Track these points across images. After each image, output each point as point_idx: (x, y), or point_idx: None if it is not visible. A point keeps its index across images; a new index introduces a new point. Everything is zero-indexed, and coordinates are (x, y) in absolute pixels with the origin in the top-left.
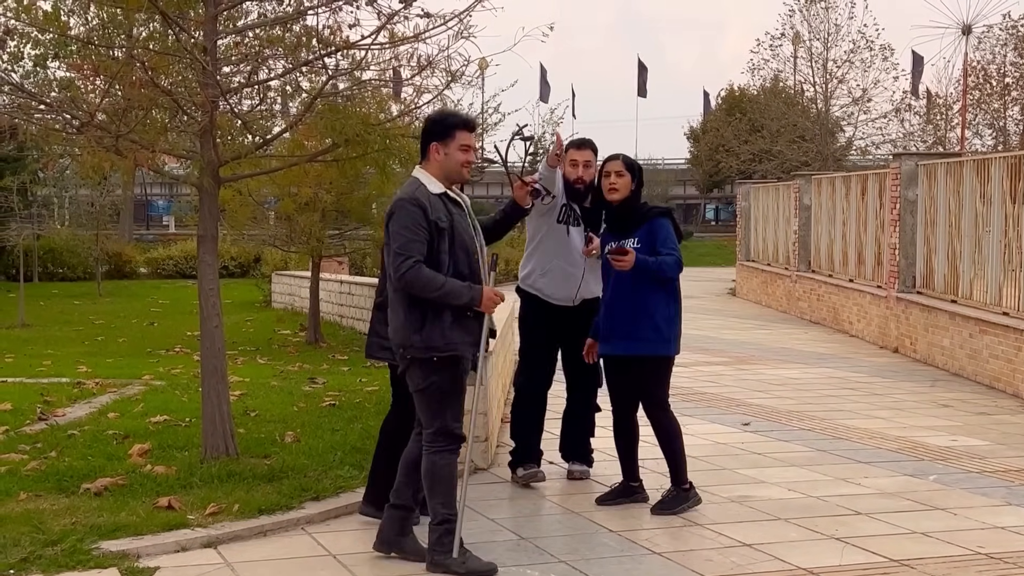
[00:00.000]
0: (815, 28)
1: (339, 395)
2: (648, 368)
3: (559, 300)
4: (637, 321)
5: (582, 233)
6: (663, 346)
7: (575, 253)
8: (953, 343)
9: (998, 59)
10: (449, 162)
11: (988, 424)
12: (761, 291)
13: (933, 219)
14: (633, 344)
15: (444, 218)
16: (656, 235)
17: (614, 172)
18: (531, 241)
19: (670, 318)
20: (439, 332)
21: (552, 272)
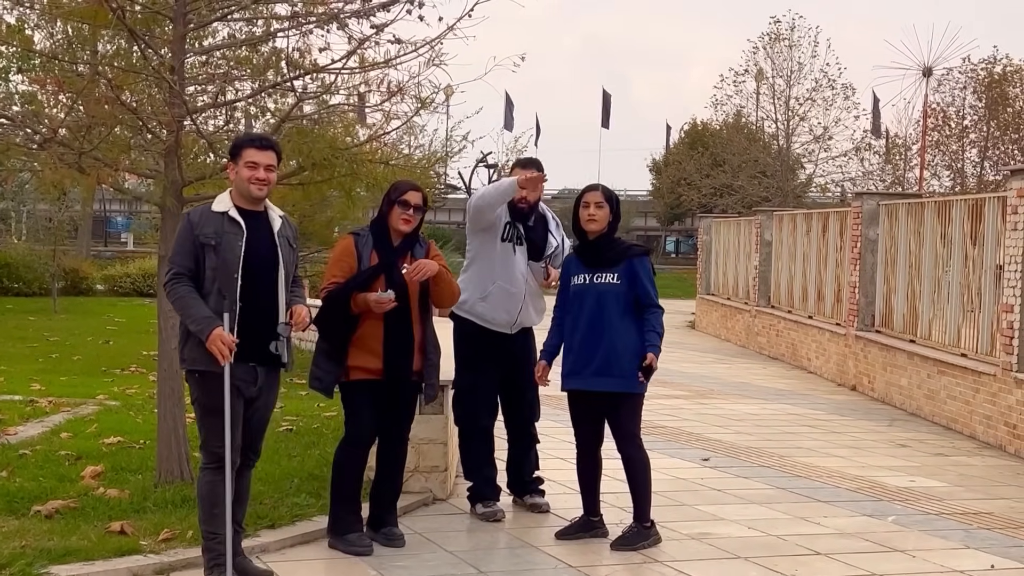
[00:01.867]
0: (778, 65)
1: (296, 420)
2: (623, 404)
3: (497, 326)
4: (613, 357)
5: (524, 253)
6: (632, 383)
7: (517, 273)
8: (911, 383)
9: (957, 101)
10: (239, 181)
11: (946, 465)
12: (720, 325)
13: (893, 258)
14: (610, 381)
15: (212, 235)
16: (637, 277)
17: (593, 203)
18: (471, 262)
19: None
20: (191, 347)
21: (493, 295)
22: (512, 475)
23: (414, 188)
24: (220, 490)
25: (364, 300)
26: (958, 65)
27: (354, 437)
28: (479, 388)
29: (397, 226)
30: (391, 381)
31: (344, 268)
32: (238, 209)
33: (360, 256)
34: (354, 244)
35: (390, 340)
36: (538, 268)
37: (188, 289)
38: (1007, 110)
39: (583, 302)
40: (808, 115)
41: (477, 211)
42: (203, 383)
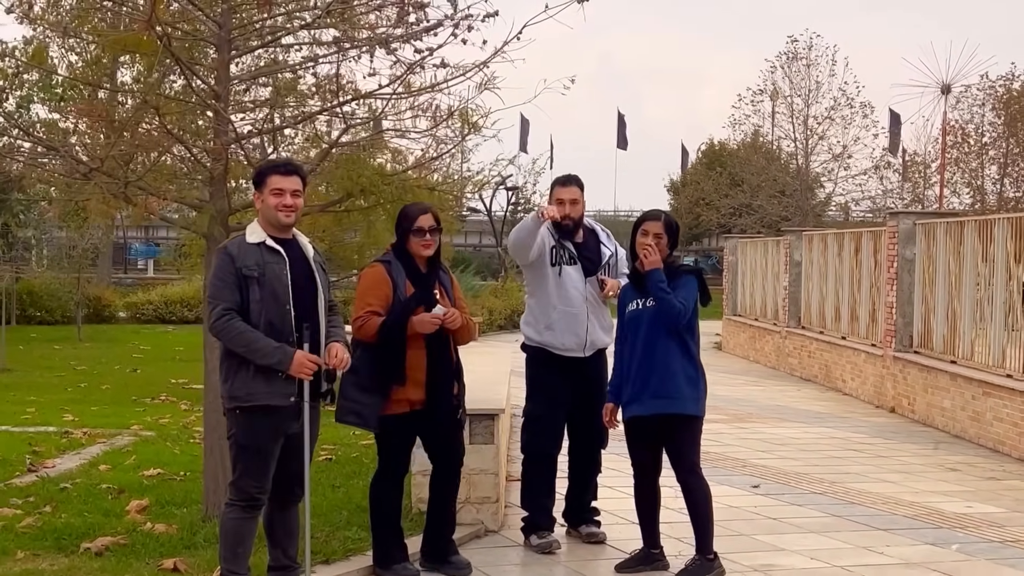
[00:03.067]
0: (796, 84)
1: (335, 449)
2: (680, 429)
3: (569, 351)
4: (668, 379)
5: (580, 270)
6: (693, 405)
7: (575, 293)
8: (954, 404)
9: (976, 118)
10: (266, 208)
11: (1000, 490)
12: (749, 346)
13: (932, 278)
14: (666, 403)
15: (254, 267)
16: (677, 291)
17: (652, 233)
18: (529, 294)
19: (695, 379)
20: (242, 382)
21: (556, 322)
22: (571, 504)
23: (423, 212)
24: (247, 529)
25: (417, 324)
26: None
27: (390, 471)
28: (549, 416)
29: (419, 252)
30: (434, 412)
31: (381, 297)
32: (272, 238)
33: (395, 284)
34: (387, 272)
35: (433, 369)
36: (594, 282)
37: (245, 324)
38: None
39: (638, 328)
40: (827, 134)
41: (514, 253)
42: (248, 421)
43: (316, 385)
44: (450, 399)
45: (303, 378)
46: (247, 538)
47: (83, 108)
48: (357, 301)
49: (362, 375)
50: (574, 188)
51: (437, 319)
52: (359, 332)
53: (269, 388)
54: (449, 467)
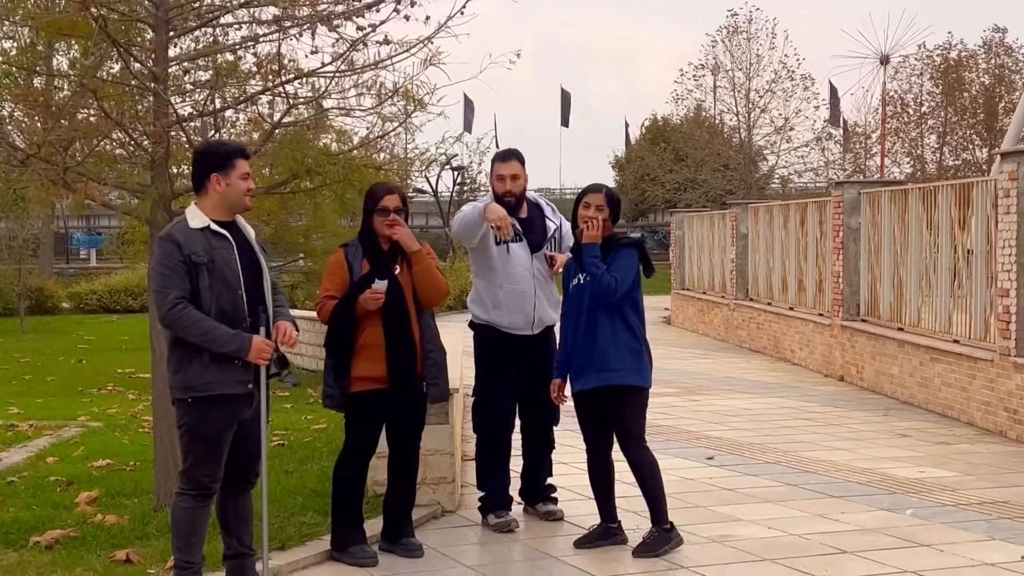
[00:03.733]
0: (737, 58)
1: (287, 434)
2: (625, 401)
3: (517, 329)
4: (608, 353)
5: (526, 247)
6: (636, 376)
7: (522, 271)
8: (903, 371)
9: (915, 88)
10: (232, 192)
11: (951, 454)
12: (698, 319)
13: (877, 247)
14: (607, 375)
15: (202, 252)
16: (612, 264)
17: (594, 206)
18: (475, 274)
19: (638, 351)
20: (197, 371)
21: (503, 301)
22: (526, 482)
23: (389, 191)
24: (199, 518)
25: (361, 301)
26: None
27: (355, 449)
28: (500, 396)
29: (383, 232)
30: (397, 388)
31: (336, 281)
32: (215, 222)
33: (351, 266)
34: (344, 256)
35: (392, 344)
36: (541, 258)
37: (199, 313)
38: (963, 95)
39: (580, 303)
40: (769, 107)
41: (460, 238)
42: (202, 409)
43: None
44: (413, 377)
45: (259, 364)
46: (200, 527)
47: (19, 94)
48: (320, 287)
49: (329, 358)
50: (514, 163)
51: (378, 292)
52: (320, 317)
53: (225, 376)
54: (407, 449)
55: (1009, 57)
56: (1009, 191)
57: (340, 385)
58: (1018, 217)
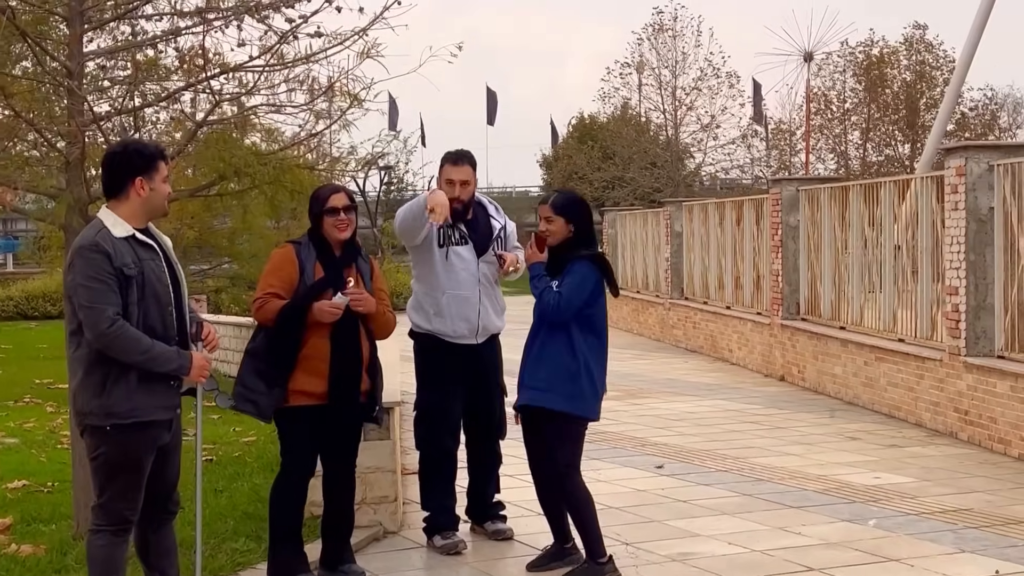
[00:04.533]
0: (663, 56)
1: (215, 448)
2: (549, 425)
3: (460, 338)
4: (539, 371)
5: (471, 250)
6: (563, 401)
7: (466, 276)
8: (846, 371)
9: (838, 85)
10: (155, 197)
11: (903, 458)
12: (632, 319)
13: (817, 245)
14: (533, 395)
15: (132, 264)
16: (563, 279)
17: (543, 218)
18: (416, 278)
19: (574, 373)
20: (122, 396)
21: (446, 307)
22: (473, 500)
23: (335, 191)
24: (118, 554)
25: (316, 311)
26: (837, 49)
27: (293, 469)
28: (444, 408)
29: (334, 235)
30: (337, 405)
31: (284, 278)
32: (137, 231)
33: (303, 266)
34: (295, 253)
35: (337, 360)
36: (491, 260)
37: (136, 330)
38: (886, 92)
39: (535, 314)
40: (695, 104)
41: (401, 235)
42: (124, 438)
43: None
44: (356, 395)
45: (199, 382)
46: (120, 565)
47: None
48: (260, 281)
49: (260, 360)
50: (466, 168)
51: (338, 307)
52: (257, 314)
53: (153, 401)
54: (343, 468)
55: (930, 54)
56: (957, 187)
57: (271, 395)
58: (966, 214)
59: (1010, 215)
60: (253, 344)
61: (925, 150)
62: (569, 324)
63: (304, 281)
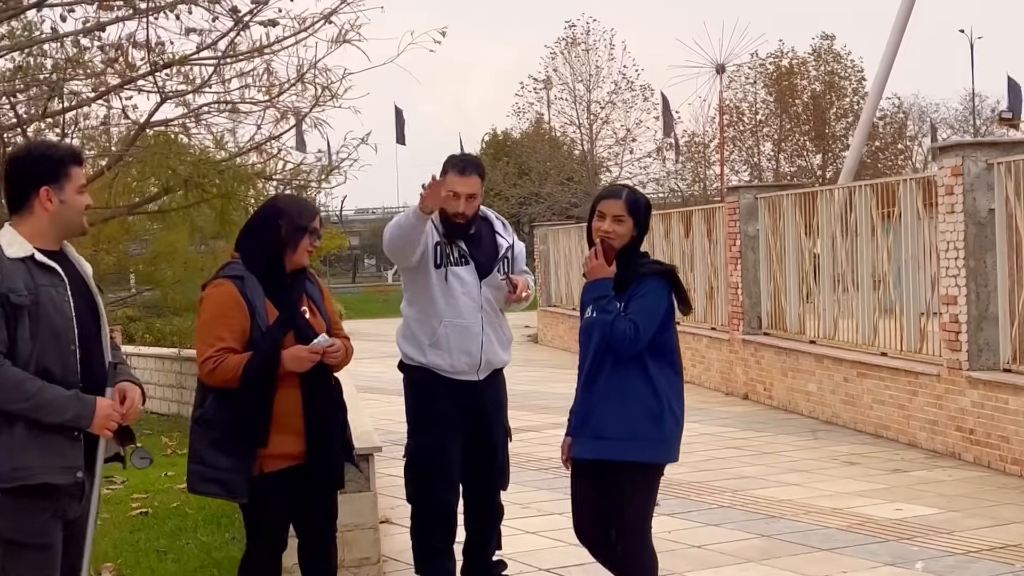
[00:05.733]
0: (577, 70)
1: (147, 497)
2: (628, 477)
3: (459, 373)
4: (609, 414)
5: (473, 271)
6: (648, 449)
7: (467, 302)
8: (822, 388)
9: (749, 96)
10: (67, 211)
11: (914, 484)
12: (569, 337)
13: (779, 255)
14: (607, 445)
15: (24, 290)
16: (633, 301)
17: (611, 216)
18: (408, 302)
19: (657, 414)
20: (6, 453)
21: (443, 337)
22: (471, 560)
23: (315, 210)
24: None
25: (289, 360)
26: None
27: (266, 546)
28: (439, 454)
29: (301, 260)
30: (317, 464)
31: (234, 326)
32: (40, 251)
33: (252, 307)
34: (239, 291)
35: (312, 410)
36: (496, 282)
37: (22, 371)
38: (796, 102)
39: (588, 341)
40: (610, 118)
41: (393, 255)
42: (13, 505)
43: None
44: (337, 449)
45: (104, 435)
46: None
47: None
48: (201, 333)
49: (219, 432)
50: (475, 179)
51: (316, 352)
52: (211, 378)
53: (47, 459)
54: (325, 532)
55: (838, 63)
56: (952, 188)
57: (242, 469)
58: (964, 216)
59: (1015, 216)
60: (202, 411)
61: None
62: (642, 355)
63: (257, 325)
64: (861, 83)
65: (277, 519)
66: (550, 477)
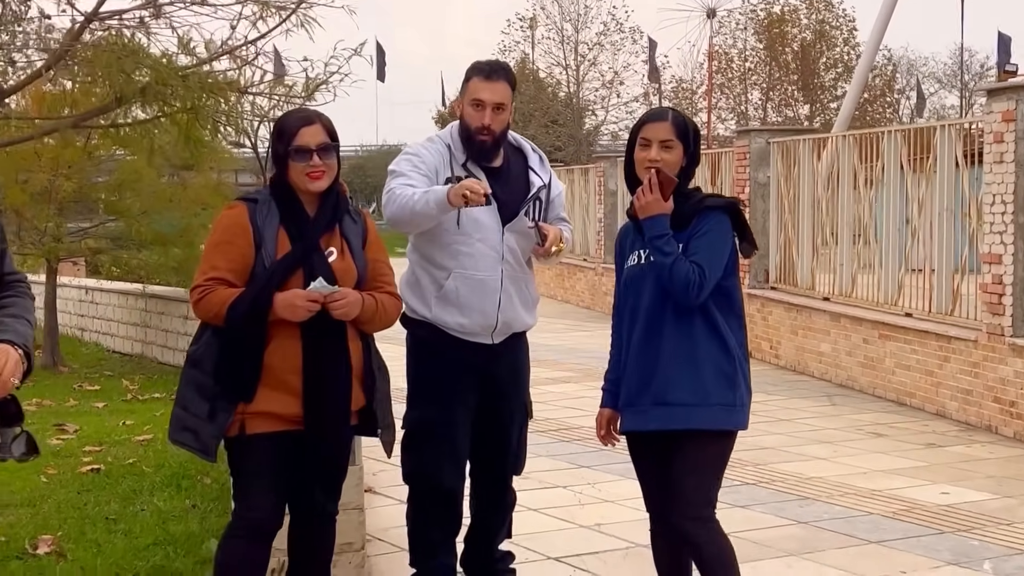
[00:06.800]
0: (565, 9)
1: (101, 451)
2: (694, 450)
3: (471, 334)
4: (677, 377)
5: (495, 214)
6: (722, 415)
7: (482, 249)
8: (837, 348)
9: (739, 43)
10: None
11: (955, 462)
12: (556, 285)
13: (792, 205)
14: (676, 412)
15: None
16: (694, 240)
17: (657, 142)
18: (412, 245)
19: (730, 375)
20: None
21: (452, 291)
22: (475, 550)
23: (307, 121)
24: None
25: (280, 306)
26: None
27: (252, 524)
28: (444, 429)
29: (305, 186)
30: (317, 432)
31: (234, 255)
32: None
33: (261, 236)
34: (248, 217)
35: (314, 368)
36: (522, 230)
37: None
38: (786, 51)
39: (640, 292)
40: (598, 60)
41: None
42: None
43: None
44: (343, 416)
45: None
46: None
47: None
48: (202, 260)
49: (205, 372)
50: (503, 86)
51: (314, 299)
52: (197, 308)
53: None
54: (321, 517)
55: (830, 12)
56: (1002, 135)
57: (217, 422)
58: (1016, 167)
59: None
60: (195, 347)
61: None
62: (707, 305)
63: (262, 258)
64: (852, 33)
65: (265, 493)
66: (548, 441)
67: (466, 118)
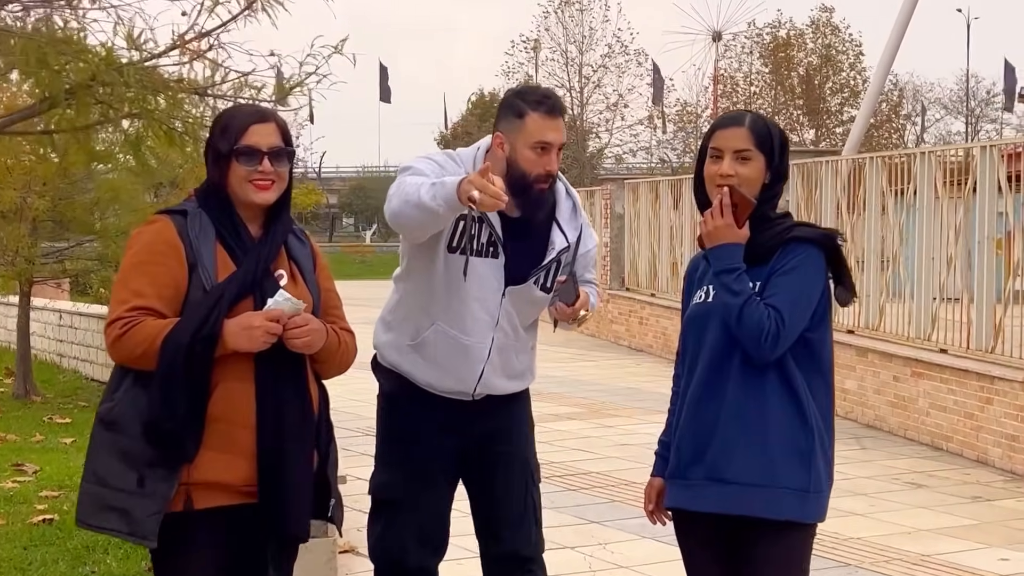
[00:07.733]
0: (570, 31)
1: (59, 497)
2: (766, 543)
3: (447, 392)
4: (739, 448)
5: (499, 269)
6: (794, 503)
7: (475, 309)
8: (864, 386)
9: (744, 67)
10: None
11: (1009, 520)
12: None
13: None
14: (734, 493)
15: None
16: (773, 278)
17: (731, 152)
18: (400, 277)
19: (806, 451)
20: None
21: (429, 343)
22: None
23: (260, 118)
24: None
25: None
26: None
27: None
28: (410, 498)
29: (247, 196)
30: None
31: (163, 279)
32: None
33: (194, 255)
34: (178, 232)
35: (272, 419)
36: (528, 295)
37: None
38: (791, 75)
39: (702, 336)
40: (603, 82)
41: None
42: None
43: None
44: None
45: None
46: None
47: None
48: (116, 288)
49: (129, 434)
50: (559, 123)
51: (274, 320)
52: (117, 350)
53: None
54: None
55: (836, 37)
56: None
57: (156, 495)
58: None
59: None
60: (108, 404)
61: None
62: (784, 360)
63: (199, 281)
64: (859, 58)
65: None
66: (553, 490)
67: (522, 163)
